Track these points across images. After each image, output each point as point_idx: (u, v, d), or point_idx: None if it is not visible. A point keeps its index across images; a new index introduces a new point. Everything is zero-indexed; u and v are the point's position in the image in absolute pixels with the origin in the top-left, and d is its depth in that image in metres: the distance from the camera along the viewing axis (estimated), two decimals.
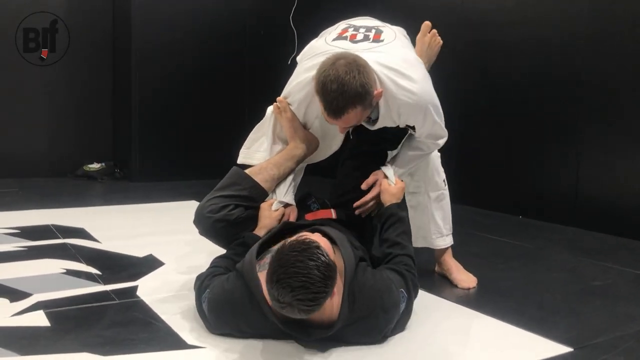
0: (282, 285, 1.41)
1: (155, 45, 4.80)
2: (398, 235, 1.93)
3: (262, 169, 2.05)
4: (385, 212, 1.99)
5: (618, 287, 2.38)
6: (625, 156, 3.24)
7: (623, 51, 3.22)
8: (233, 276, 1.71)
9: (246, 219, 1.95)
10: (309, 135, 2.13)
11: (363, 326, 1.65)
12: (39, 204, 3.71)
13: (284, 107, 2.07)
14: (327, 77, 1.76)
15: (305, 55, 2.07)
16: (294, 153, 2.09)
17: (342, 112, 1.80)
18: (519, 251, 2.95)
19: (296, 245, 1.47)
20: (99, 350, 1.61)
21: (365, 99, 1.80)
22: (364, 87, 1.77)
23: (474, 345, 1.75)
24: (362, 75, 1.77)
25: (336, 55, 1.82)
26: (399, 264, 1.84)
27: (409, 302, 1.78)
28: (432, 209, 2.32)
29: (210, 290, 1.72)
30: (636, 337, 1.83)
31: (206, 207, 1.93)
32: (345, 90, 1.75)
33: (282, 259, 1.45)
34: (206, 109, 5.06)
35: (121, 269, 2.41)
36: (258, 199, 2.00)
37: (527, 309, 2.08)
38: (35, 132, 4.88)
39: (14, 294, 2.04)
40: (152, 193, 4.28)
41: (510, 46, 3.82)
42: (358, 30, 2.04)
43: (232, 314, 1.68)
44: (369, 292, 1.65)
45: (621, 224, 3.23)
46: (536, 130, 3.69)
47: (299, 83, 2.01)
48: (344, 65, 1.77)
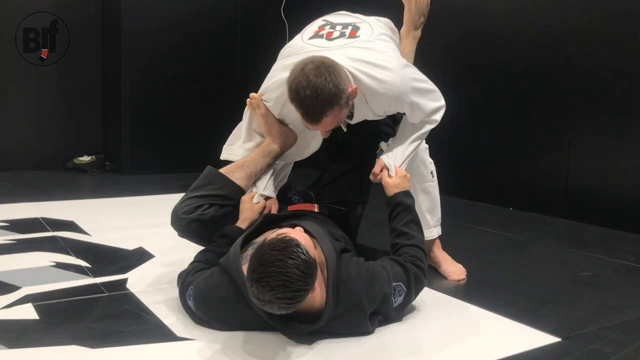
0: (262, 284, 1.41)
1: (146, 38, 4.77)
2: (405, 225, 1.91)
3: (237, 167, 2.04)
4: (391, 202, 1.96)
5: (607, 278, 2.39)
6: (616, 148, 3.26)
7: (615, 41, 3.23)
8: (217, 271, 1.71)
9: (221, 217, 1.94)
10: (285, 130, 2.11)
11: (350, 318, 1.65)
12: (29, 196, 3.69)
13: (257, 104, 2.06)
14: (299, 84, 1.76)
15: (283, 54, 2.08)
16: (270, 149, 2.08)
17: (320, 116, 1.80)
18: (509, 243, 2.96)
19: (276, 244, 1.46)
20: (89, 343, 1.61)
21: (341, 99, 1.79)
22: (337, 87, 1.76)
23: (462, 336, 1.76)
24: (332, 75, 1.76)
25: (304, 60, 1.81)
26: (404, 256, 1.83)
27: (407, 297, 1.77)
28: (419, 200, 2.30)
29: (195, 287, 1.72)
30: (623, 327, 1.85)
31: (180, 208, 1.93)
32: (318, 94, 1.74)
33: (262, 257, 1.44)
34: (197, 102, 5.04)
35: (111, 261, 2.40)
36: (233, 197, 1.99)
37: (516, 300, 2.09)
38: (25, 125, 4.85)
39: (2, 287, 2.03)
40: (142, 186, 4.27)
41: (501, 37, 3.82)
42: (334, 28, 2.04)
43: (219, 309, 1.68)
44: (354, 284, 1.65)
45: (611, 215, 3.25)
46: (526, 121, 3.70)
47: (274, 82, 2.01)
48: (313, 70, 1.76)
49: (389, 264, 1.78)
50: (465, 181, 4.01)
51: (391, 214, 1.96)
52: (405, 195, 1.97)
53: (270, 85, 2.03)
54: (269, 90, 2.04)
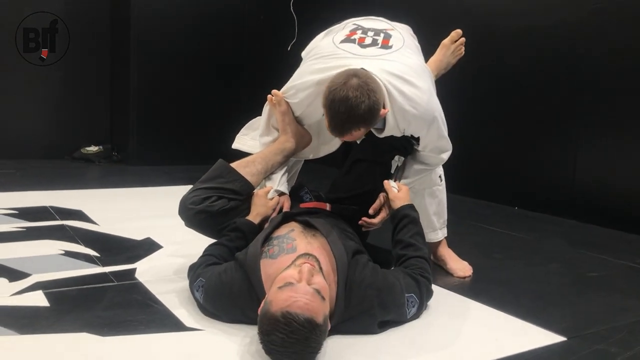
0: (272, 351, 1.42)
1: (154, 30, 4.78)
2: (412, 237, 1.92)
3: (249, 162, 2.04)
4: (398, 214, 1.97)
5: (613, 279, 2.40)
6: (623, 149, 3.26)
7: (623, 41, 3.22)
8: (232, 267, 1.72)
9: (229, 210, 1.94)
10: (301, 130, 2.11)
11: (359, 322, 1.66)
12: (37, 185, 3.71)
13: (279, 101, 2.05)
14: (337, 96, 1.74)
15: (312, 54, 2.05)
16: (283, 147, 2.08)
17: (347, 132, 1.81)
18: (516, 242, 2.97)
19: (294, 329, 1.38)
20: (98, 331, 1.62)
21: (372, 122, 1.80)
22: (371, 112, 1.76)
23: (467, 334, 1.77)
24: (371, 100, 1.75)
25: (349, 72, 1.79)
26: (413, 268, 1.83)
27: (420, 308, 1.80)
28: (426, 204, 2.32)
29: (207, 281, 1.73)
30: (629, 328, 1.86)
31: (189, 198, 1.94)
32: (352, 115, 1.74)
33: (273, 334, 1.39)
34: (204, 94, 5.05)
35: (119, 251, 2.42)
36: (242, 192, 1.99)
37: (522, 299, 2.10)
38: (33, 115, 4.87)
39: (13, 274, 2.05)
40: (149, 177, 4.29)
41: (508, 36, 3.82)
42: (366, 34, 2.01)
43: (230, 305, 1.69)
44: (367, 290, 1.66)
45: (618, 216, 3.25)
46: (534, 121, 3.70)
47: (303, 83, 1.99)
48: (356, 88, 1.74)
49: (401, 275, 1.79)
50: (471, 180, 4.01)
51: (397, 226, 1.97)
52: (410, 208, 1.99)
53: (299, 85, 2.00)
54: (297, 90, 2.01)
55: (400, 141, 2.07)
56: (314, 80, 1.93)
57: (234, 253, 1.79)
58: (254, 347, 1.53)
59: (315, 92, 1.93)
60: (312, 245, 1.72)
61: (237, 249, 1.82)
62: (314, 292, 1.45)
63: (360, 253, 1.80)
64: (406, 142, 2.09)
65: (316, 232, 1.80)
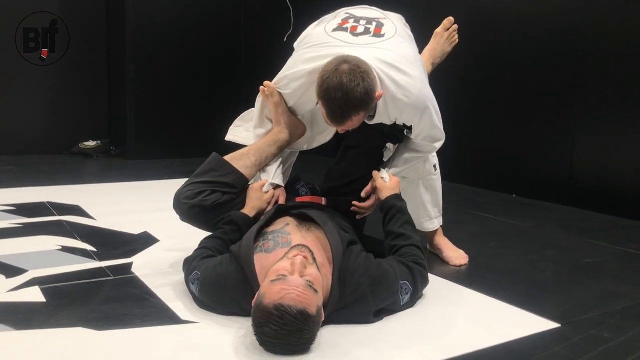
0: (266, 343, 1.45)
1: (151, 23, 4.77)
2: (401, 227, 1.93)
3: (243, 155, 2.04)
4: (385, 205, 1.98)
5: (608, 265, 2.41)
6: (619, 136, 3.26)
7: (621, 31, 3.22)
8: (226, 260, 1.73)
9: (223, 204, 1.94)
10: (295, 121, 2.11)
11: (353, 311, 1.67)
12: (35, 181, 3.71)
13: (271, 92, 2.05)
14: (331, 84, 1.73)
15: (303, 44, 2.03)
16: (277, 138, 2.08)
17: (346, 119, 1.79)
18: (512, 229, 2.97)
19: (287, 321, 1.39)
20: (95, 325, 1.63)
21: (369, 105, 1.79)
22: (367, 95, 1.75)
23: (463, 322, 1.78)
24: (366, 82, 1.74)
25: (338, 59, 1.78)
26: (406, 256, 1.84)
27: (414, 295, 1.80)
28: (421, 193, 2.33)
29: (202, 274, 1.73)
30: (623, 313, 1.87)
31: (182, 193, 1.94)
32: (349, 99, 1.73)
33: (267, 326, 1.41)
34: (201, 87, 5.04)
35: (116, 245, 2.43)
36: (237, 185, 1.99)
37: (517, 286, 2.11)
38: (31, 110, 4.86)
39: (9, 270, 2.06)
40: (147, 171, 4.29)
41: (506, 23, 3.81)
42: (359, 22, 2.00)
43: (225, 298, 1.70)
44: (361, 279, 1.66)
45: (614, 203, 3.26)
46: (531, 108, 3.70)
47: (295, 73, 1.98)
48: (348, 73, 1.73)
49: (395, 262, 1.80)
50: (469, 168, 4.02)
51: (385, 217, 1.97)
52: (397, 198, 1.99)
53: (291, 75, 1.99)
54: (288, 80, 2.00)
55: (390, 129, 2.07)
56: (307, 69, 1.92)
57: (229, 246, 1.80)
58: (249, 339, 1.53)
59: (308, 82, 1.92)
60: (307, 239, 1.73)
61: (232, 242, 1.83)
62: (306, 284, 1.46)
63: (355, 244, 1.81)
64: (397, 130, 2.09)
65: (311, 225, 1.81)
